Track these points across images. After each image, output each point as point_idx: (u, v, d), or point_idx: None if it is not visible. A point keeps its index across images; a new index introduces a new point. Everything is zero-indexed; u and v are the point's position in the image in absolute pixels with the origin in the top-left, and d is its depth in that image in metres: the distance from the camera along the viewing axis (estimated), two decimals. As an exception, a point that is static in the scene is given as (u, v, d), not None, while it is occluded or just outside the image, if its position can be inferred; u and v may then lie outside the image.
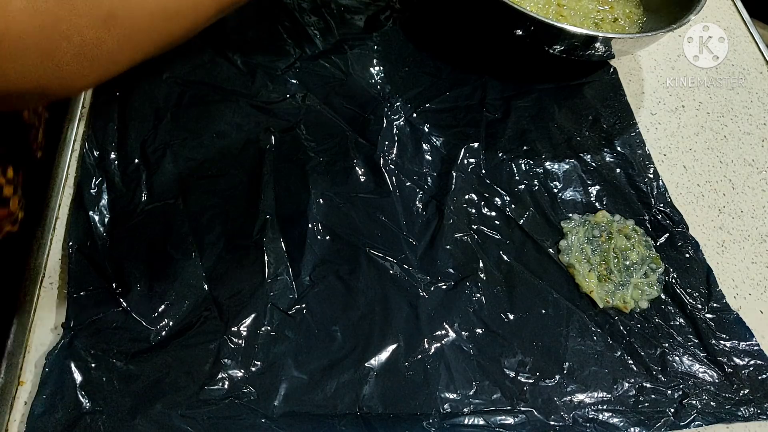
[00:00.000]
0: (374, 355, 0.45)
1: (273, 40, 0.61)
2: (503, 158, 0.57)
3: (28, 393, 0.41)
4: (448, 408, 0.43)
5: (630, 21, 0.66)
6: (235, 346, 0.44)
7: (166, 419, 0.40)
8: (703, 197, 0.59)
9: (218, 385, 0.42)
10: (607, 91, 0.65)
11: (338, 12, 0.65)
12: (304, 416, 0.42)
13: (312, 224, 0.50)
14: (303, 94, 0.57)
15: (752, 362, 0.49)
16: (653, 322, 0.50)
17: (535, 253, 0.52)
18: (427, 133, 0.57)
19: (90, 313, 0.43)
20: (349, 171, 0.54)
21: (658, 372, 0.47)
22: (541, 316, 0.49)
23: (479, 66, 0.63)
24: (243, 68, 0.58)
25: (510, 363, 0.46)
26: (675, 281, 0.52)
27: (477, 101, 0.61)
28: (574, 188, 0.57)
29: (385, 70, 0.61)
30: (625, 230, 0.54)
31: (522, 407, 0.44)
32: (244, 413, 0.41)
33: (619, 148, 0.60)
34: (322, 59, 0.60)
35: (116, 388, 0.41)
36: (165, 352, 0.43)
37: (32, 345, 0.43)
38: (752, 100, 0.68)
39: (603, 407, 0.45)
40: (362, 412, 0.42)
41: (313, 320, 0.46)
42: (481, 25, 0.64)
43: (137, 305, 0.44)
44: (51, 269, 0.46)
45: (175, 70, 0.57)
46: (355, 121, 0.56)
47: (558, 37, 0.55)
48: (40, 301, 0.44)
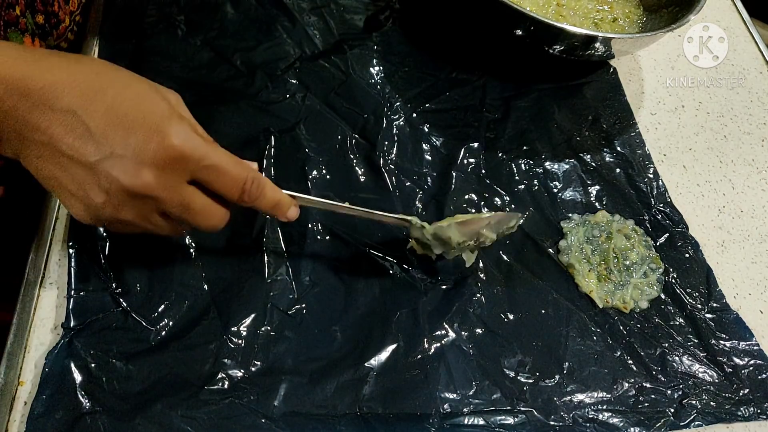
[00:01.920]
0: (374, 355, 0.45)
1: (273, 40, 0.61)
2: (503, 158, 0.57)
3: (28, 393, 0.41)
4: (448, 408, 0.43)
5: (630, 21, 0.66)
6: (234, 346, 0.44)
7: (166, 419, 0.40)
8: (703, 197, 0.59)
9: (218, 385, 0.42)
10: (607, 91, 0.65)
11: (338, 12, 0.65)
12: (304, 416, 0.42)
13: (312, 224, 0.50)
14: (303, 94, 0.57)
15: (752, 362, 0.49)
16: (653, 322, 0.50)
17: (535, 253, 0.52)
18: (427, 133, 0.57)
19: (90, 314, 0.43)
20: (349, 171, 0.54)
21: (657, 372, 0.47)
22: (541, 316, 0.49)
23: (479, 66, 0.63)
24: (243, 69, 0.58)
25: (510, 363, 0.46)
26: (675, 281, 0.52)
27: (477, 101, 0.61)
28: (574, 188, 0.57)
29: (385, 70, 0.61)
30: (625, 230, 0.54)
31: (522, 407, 0.44)
32: (244, 413, 0.41)
33: (618, 148, 0.60)
34: (321, 59, 0.60)
35: (116, 388, 0.41)
36: (165, 352, 0.43)
37: (32, 345, 0.43)
38: (752, 100, 0.68)
39: (603, 407, 0.45)
40: (362, 412, 0.42)
41: (313, 320, 0.46)
42: (481, 25, 0.64)
43: (137, 305, 0.44)
44: (51, 269, 0.46)
45: (174, 71, 0.57)
46: (355, 121, 0.57)
47: (557, 37, 0.55)
48: (40, 301, 0.44)
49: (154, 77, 0.57)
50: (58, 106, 0.33)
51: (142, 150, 0.34)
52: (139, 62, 0.57)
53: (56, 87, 0.33)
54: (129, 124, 0.34)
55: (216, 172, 0.36)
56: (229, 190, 0.37)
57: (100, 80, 0.34)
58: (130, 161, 0.34)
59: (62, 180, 0.34)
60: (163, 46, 0.58)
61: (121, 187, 0.34)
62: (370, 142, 0.55)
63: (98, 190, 0.34)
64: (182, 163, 0.35)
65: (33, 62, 0.33)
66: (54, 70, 0.33)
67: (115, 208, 0.35)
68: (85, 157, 0.33)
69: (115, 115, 0.34)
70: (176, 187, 0.35)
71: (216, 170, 0.36)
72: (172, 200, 0.36)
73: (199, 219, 0.37)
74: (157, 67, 0.56)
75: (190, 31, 0.60)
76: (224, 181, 0.37)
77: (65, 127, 0.33)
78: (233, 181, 0.37)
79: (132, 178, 0.34)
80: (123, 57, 0.57)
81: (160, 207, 0.36)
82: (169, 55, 0.58)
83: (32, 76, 0.32)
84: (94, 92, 0.34)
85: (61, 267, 0.46)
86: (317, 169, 0.53)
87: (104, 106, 0.34)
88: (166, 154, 0.34)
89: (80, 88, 0.33)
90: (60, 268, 0.46)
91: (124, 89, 0.35)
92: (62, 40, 0.55)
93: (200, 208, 0.37)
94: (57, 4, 0.53)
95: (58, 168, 0.34)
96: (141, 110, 0.34)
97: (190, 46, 0.59)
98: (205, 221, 0.38)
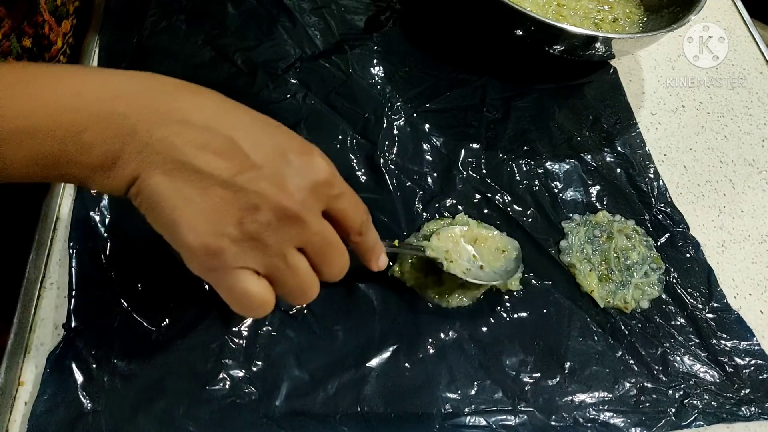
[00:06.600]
0: (375, 355, 0.45)
1: (273, 39, 0.61)
2: (504, 158, 0.57)
3: (28, 393, 0.41)
4: (450, 408, 0.43)
5: (630, 21, 0.66)
6: (236, 346, 0.43)
7: (168, 419, 0.40)
8: (704, 197, 0.59)
9: (220, 385, 0.42)
10: (607, 91, 0.65)
11: (338, 12, 0.65)
12: (306, 416, 0.42)
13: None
14: (303, 94, 0.57)
15: (753, 362, 0.49)
16: (654, 322, 0.50)
17: (536, 253, 0.52)
18: (428, 133, 0.57)
19: (91, 314, 0.43)
20: (350, 171, 0.54)
21: (659, 372, 0.47)
22: (543, 316, 0.49)
23: (479, 66, 0.63)
24: (243, 68, 0.58)
25: (511, 363, 0.46)
26: (676, 281, 0.52)
27: (477, 101, 0.61)
28: (575, 188, 0.57)
29: (386, 70, 0.61)
30: (626, 230, 0.54)
31: (523, 407, 0.44)
32: (246, 413, 0.41)
33: (619, 148, 0.60)
34: (322, 59, 0.60)
35: (118, 388, 0.41)
36: (166, 352, 0.43)
37: (33, 345, 0.43)
38: (752, 100, 0.68)
39: (604, 407, 0.45)
40: (363, 412, 0.42)
41: (314, 320, 0.46)
42: (481, 25, 0.64)
43: (138, 305, 0.44)
44: (51, 269, 0.46)
45: (175, 70, 0.56)
46: (356, 121, 0.56)
47: (558, 37, 0.55)
48: (41, 302, 0.44)
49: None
50: (193, 120, 0.30)
51: (295, 168, 0.31)
52: (141, 61, 0.57)
53: (186, 104, 0.31)
54: (277, 143, 0.31)
55: (349, 201, 0.34)
56: (356, 221, 0.35)
57: (226, 103, 0.32)
58: (285, 178, 0.30)
59: (193, 197, 0.29)
60: (165, 44, 0.58)
61: (273, 203, 0.30)
62: (370, 142, 0.55)
63: (239, 208, 0.30)
64: (326, 188, 0.32)
65: (150, 80, 0.31)
66: (179, 87, 0.31)
67: (258, 229, 0.30)
68: (229, 172, 0.29)
69: (259, 135, 0.31)
70: (319, 215, 0.32)
71: (349, 199, 0.34)
72: (316, 227, 0.32)
73: (334, 255, 0.33)
74: (158, 66, 0.56)
75: (191, 30, 0.60)
76: (354, 211, 0.34)
77: (204, 143, 0.30)
78: (360, 211, 0.35)
79: (287, 195, 0.30)
80: (124, 55, 0.57)
81: (303, 236, 0.32)
82: (170, 53, 0.58)
83: (158, 91, 0.30)
84: (227, 112, 0.31)
85: (62, 267, 0.46)
86: (318, 169, 0.53)
87: (246, 125, 0.31)
88: (318, 176, 0.32)
89: (212, 108, 0.31)
90: (61, 268, 0.46)
91: (254, 113, 0.33)
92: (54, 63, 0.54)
93: (336, 241, 0.33)
94: (48, 26, 0.51)
95: (189, 185, 0.29)
96: (283, 133, 0.32)
97: (191, 45, 0.59)
98: (339, 259, 0.34)
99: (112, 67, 0.56)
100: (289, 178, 0.31)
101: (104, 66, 0.56)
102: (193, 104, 0.31)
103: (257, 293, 0.31)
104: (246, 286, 0.31)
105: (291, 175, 0.31)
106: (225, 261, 0.30)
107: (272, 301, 0.32)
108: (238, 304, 0.32)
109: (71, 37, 0.56)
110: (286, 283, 0.32)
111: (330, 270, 0.34)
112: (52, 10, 0.51)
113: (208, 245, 0.29)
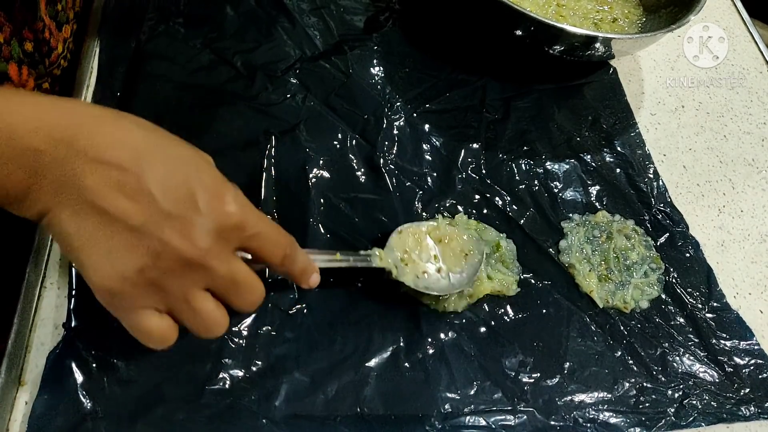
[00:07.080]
0: (375, 356, 0.45)
1: (273, 41, 0.61)
2: (503, 159, 0.57)
3: (29, 393, 0.41)
4: (449, 408, 0.43)
5: (629, 21, 0.66)
6: (236, 346, 0.44)
7: (167, 419, 0.40)
8: (703, 197, 0.59)
9: (219, 385, 0.42)
10: (607, 92, 0.65)
11: (338, 13, 0.65)
12: (306, 418, 0.42)
13: (312, 224, 0.50)
14: (303, 95, 0.57)
15: (753, 362, 0.49)
16: (653, 322, 0.50)
17: (536, 254, 0.52)
18: (427, 133, 0.57)
19: (91, 313, 0.43)
20: (350, 171, 0.54)
21: (658, 372, 0.47)
22: (542, 317, 0.49)
23: (479, 66, 0.63)
24: (243, 70, 0.58)
25: (511, 363, 0.46)
26: (675, 281, 0.52)
27: (477, 102, 0.61)
28: (575, 188, 0.57)
29: (385, 71, 0.61)
30: (625, 230, 0.54)
31: (523, 407, 0.44)
32: (245, 414, 0.41)
33: (619, 148, 0.60)
34: (322, 60, 0.60)
35: (117, 387, 0.41)
36: (166, 352, 0.42)
37: (33, 345, 0.43)
38: (752, 100, 0.68)
39: (603, 407, 0.45)
40: (363, 413, 0.42)
41: (314, 320, 0.46)
42: (481, 25, 0.64)
43: (138, 306, 0.44)
44: (52, 269, 0.46)
45: (174, 74, 0.57)
46: (356, 122, 0.57)
47: (557, 37, 0.56)
48: (41, 301, 0.45)
49: (154, 80, 0.57)
50: (107, 159, 0.30)
51: (202, 215, 0.31)
52: (139, 64, 0.57)
53: (105, 139, 0.31)
54: (188, 188, 0.31)
55: (265, 239, 0.35)
56: (275, 256, 0.36)
57: (148, 139, 0.32)
58: (190, 226, 0.31)
59: (98, 239, 0.30)
60: (163, 48, 0.58)
61: (175, 252, 0.31)
62: (370, 143, 0.55)
63: (142, 254, 0.30)
64: (237, 232, 0.33)
65: (73, 112, 0.31)
66: (100, 121, 0.31)
67: (160, 276, 0.31)
68: (135, 217, 0.30)
69: (172, 177, 0.31)
70: (227, 257, 0.33)
71: (265, 238, 0.35)
72: (222, 271, 0.32)
73: (243, 293, 0.34)
74: (157, 70, 0.56)
75: (189, 33, 0.60)
76: (270, 248, 0.35)
77: (115, 184, 0.30)
78: (278, 246, 0.36)
79: (191, 244, 0.31)
80: (123, 59, 0.57)
81: (207, 280, 0.33)
82: (168, 57, 0.58)
83: (77, 125, 0.30)
84: (144, 151, 0.31)
85: (62, 267, 0.46)
86: (318, 170, 0.53)
87: (160, 166, 0.31)
88: (227, 221, 0.32)
89: (131, 145, 0.31)
90: (60, 268, 0.46)
91: (176, 148, 0.33)
92: (55, 68, 0.54)
93: (245, 280, 0.34)
94: (48, 31, 0.51)
95: (95, 226, 0.30)
96: (198, 174, 0.32)
97: (190, 48, 0.59)
98: (249, 296, 0.35)
99: (113, 71, 0.56)
100: (196, 226, 0.31)
101: (105, 71, 0.56)
102: (112, 140, 0.31)
103: (158, 330, 0.33)
104: (147, 324, 0.32)
105: (198, 223, 0.31)
106: (126, 302, 0.32)
107: (174, 336, 0.34)
108: (142, 339, 0.33)
109: (72, 43, 0.57)
110: (188, 321, 0.34)
111: (241, 305, 0.35)
112: (52, 16, 0.52)
113: (110, 287, 0.31)
